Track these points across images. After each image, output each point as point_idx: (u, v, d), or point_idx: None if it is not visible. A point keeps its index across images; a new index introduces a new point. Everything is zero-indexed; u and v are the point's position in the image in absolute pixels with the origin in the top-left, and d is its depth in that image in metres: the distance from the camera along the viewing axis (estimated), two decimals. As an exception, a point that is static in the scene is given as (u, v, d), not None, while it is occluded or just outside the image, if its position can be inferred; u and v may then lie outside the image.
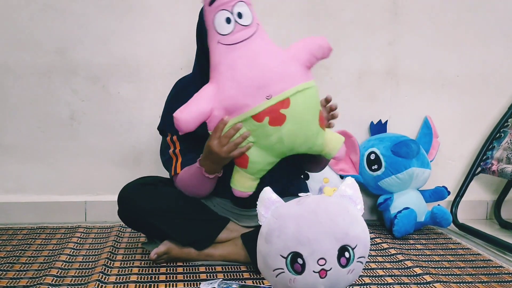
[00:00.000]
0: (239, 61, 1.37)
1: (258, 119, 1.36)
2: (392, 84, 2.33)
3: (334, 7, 2.24)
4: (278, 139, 1.39)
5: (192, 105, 1.38)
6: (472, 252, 1.88)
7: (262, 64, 1.38)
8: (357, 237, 1.09)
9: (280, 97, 1.36)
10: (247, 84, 1.36)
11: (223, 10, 1.37)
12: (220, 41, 1.38)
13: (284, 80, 1.38)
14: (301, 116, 1.40)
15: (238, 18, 1.38)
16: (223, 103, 1.37)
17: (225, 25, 1.37)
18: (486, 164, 2.30)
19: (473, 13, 2.34)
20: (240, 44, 1.38)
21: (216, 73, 1.39)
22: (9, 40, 2.07)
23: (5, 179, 2.13)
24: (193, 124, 1.37)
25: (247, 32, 1.39)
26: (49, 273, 1.53)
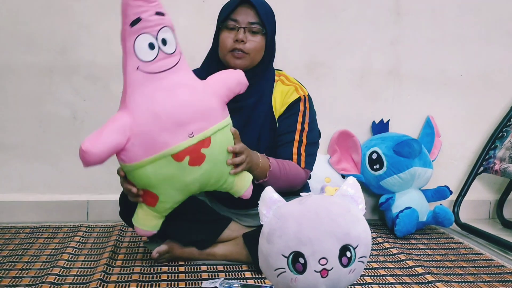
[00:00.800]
0: (159, 94, 1.25)
1: (178, 158, 1.26)
2: (394, 84, 2.32)
3: (336, 6, 2.24)
4: (193, 179, 1.31)
5: (105, 138, 1.24)
6: (474, 252, 1.88)
7: (184, 100, 1.27)
8: (358, 236, 1.09)
9: (202, 136, 1.28)
10: (167, 120, 1.25)
11: (146, 34, 1.24)
12: (141, 67, 1.25)
13: (205, 118, 1.29)
14: (219, 155, 1.34)
15: (162, 45, 1.26)
16: (140, 138, 1.25)
17: (147, 50, 1.24)
18: (489, 163, 2.30)
19: (476, 12, 2.34)
20: (161, 74, 1.26)
21: (131, 103, 1.26)
22: (11, 40, 2.07)
23: (7, 178, 2.14)
24: (102, 159, 1.25)
25: (170, 61, 1.28)
26: (51, 272, 1.53)
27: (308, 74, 2.23)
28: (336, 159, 2.18)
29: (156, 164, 1.27)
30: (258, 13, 1.56)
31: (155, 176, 1.29)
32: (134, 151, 1.26)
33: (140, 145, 1.26)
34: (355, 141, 2.19)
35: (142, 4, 1.23)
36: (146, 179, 1.30)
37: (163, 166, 1.27)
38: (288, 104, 1.64)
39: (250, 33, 1.57)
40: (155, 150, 1.26)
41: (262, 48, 1.60)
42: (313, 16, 2.22)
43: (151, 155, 1.26)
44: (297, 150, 1.62)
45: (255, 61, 1.60)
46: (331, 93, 2.26)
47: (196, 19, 2.15)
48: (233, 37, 1.56)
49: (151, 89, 1.26)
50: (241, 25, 1.56)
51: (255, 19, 1.56)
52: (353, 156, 2.21)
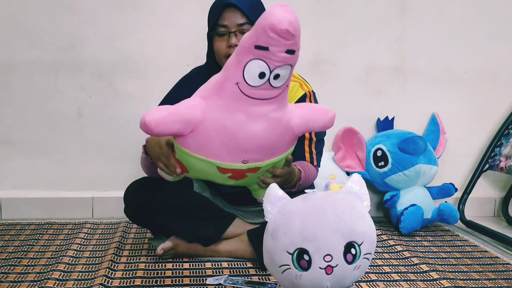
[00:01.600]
0: (241, 115, 1.22)
1: (222, 171, 1.32)
2: (399, 81, 2.32)
3: (341, 3, 2.23)
4: (225, 183, 1.40)
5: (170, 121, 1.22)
6: (480, 249, 1.88)
7: (258, 133, 1.24)
8: (363, 233, 1.08)
9: (253, 166, 1.31)
10: (232, 141, 1.25)
11: (264, 62, 1.15)
12: (240, 85, 1.19)
13: (266, 152, 1.30)
14: (256, 176, 1.39)
15: (273, 79, 1.18)
16: (200, 138, 1.26)
17: (256, 77, 1.17)
18: (494, 161, 2.29)
19: (481, 9, 2.33)
20: (255, 101, 1.20)
21: (213, 104, 1.23)
22: (17, 37, 2.08)
23: (13, 175, 2.14)
24: (161, 136, 1.33)
25: (271, 93, 1.21)
26: (57, 268, 1.54)
27: (313, 71, 2.23)
28: (340, 156, 2.18)
29: (201, 161, 1.30)
30: (245, 12, 1.53)
31: (194, 166, 1.34)
32: (188, 141, 1.28)
33: (197, 143, 1.27)
34: (359, 138, 2.18)
35: (277, 39, 1.13)
36: (187, 162, 1.35)
37: (205, 166, 1.31)
38: (294, 101, 1.62)
39: (242, 35, 1.52)
40: (207, 154, 1.28)
41: None
42: (318, 13, 2.21)
43: (201, 155, 1.28)
44: (309, 149, 1.63)
45: None
46: (336, 90, 2.25)
47: (201, 16, 2.15)
48: (225, 44, 1.55)
49: (236, 107, 1.21)
50: (230, 30, 1.54)
51: (243, 19, 1.54)
52: (358, 153, 2.20)
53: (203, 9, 2.13)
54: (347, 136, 2.20)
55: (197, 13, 2.14)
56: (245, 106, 1.21)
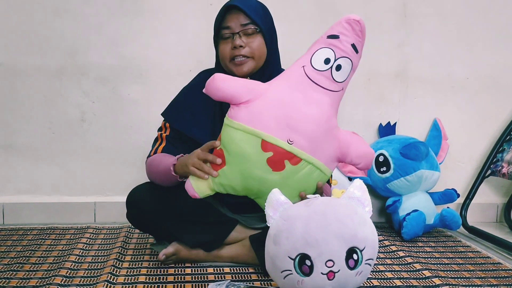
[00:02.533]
0: (300, 95, 1.33)
1: (265, 148, 1.31)
2: (401, 86, 2.32)
3: (343, 8, 2.24)
4: (259, 178, 1.35)
5: (234, 83, 1.34)
6: (482, 255, 1.87)
7: (312, 114, 1.33)
8: (365, 239, 1.09)
9: (296, 151, 1.32)
10: (285, 116, 1.32)
11: (330, 49, 1.32)
12: (306, 68, 1.33)
13: (312, 144, 1.33)
14: (294, 182, 1.35)
15: (335, 69, 1.33)
16: (255, 108, 1.33)
17: (321, 62, 1.32)
18: (496, 166, 2.29)
19: (483, 15, 2.33)
20: (315, 86, 1.33)
21: (277, 83, 1.36)
22: (21, 42, 2.09)
23: (15, 179, 2.15)
24: (219, 96, 1.34)
25: (330, 84, 1.34)
26: (59, 273, 1.54)
27: (315, 76, 2.23)
28: (343, 161, 2.18)
29: (247, 136, 1.32)
30: (248, 13, 1.53)
31: (237, 143, 1.34)
32: (242, 112, 1.33)
33: (250, 113, 1.32)
34: (362, 144, 2.18)
35: (349, 29, 1.33)
36: (230, 140, 1.36)
37: (249, 142, 1.33)
38: None
39: (246, 36, 1.54)
40: (256, 125, 1.32)
41: (263, 46, 1.57)
42: (320, 19, 2.22)
43: (250, 126, 1.32)
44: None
45: (260, 62, 1.58)
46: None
47: (204, 22, 2.16)
48: (230, 46, 1.55)
49: (298, 87, 1.34)
50: (234, 31, 1.54)
51: (247, 20, 1.54)
52: (360, 158, 2.20)
53: (206, 15, 2.15)
54: (349, 142, 2.20)
55: (200, 19, 2.15)
56: (306, 88, 1.33)
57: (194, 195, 1.44)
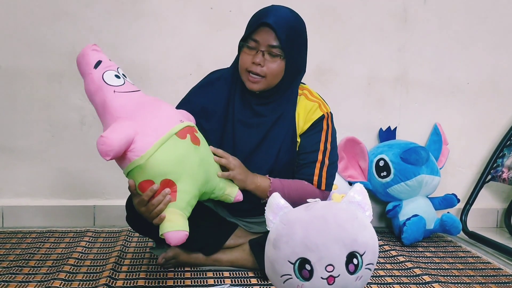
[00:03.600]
0: (141, 100, 1.40)
1: (182, 136, 1.37)
2: (401, 91, 2.32)
3: (344, 13, 2.24)
4: (199, 161, 1.39)
5: (118, 129, 1.33)
6: (482, 261, 1.87)
7: (166, 107, 1.43)
8: (365, 243, 1.08)
9: (189, 124, 1.42)
10: (160, 113, 1.38)
11: (110, 70, 1.41)
12: (116, 90, 1.38)
13: (182, 116, 1.45)
14: (207, 148, 1.46)
15: (124, 77, 1.42)
16: (147, 129, 1.34)
17: (116, 79, 1.40)
18: (497, 172, 2.28)
19: (483, 19, 2.33)
20: (136, 94, 1.40)
21: (122, 113, 1.37)
22: (21, 45, 2.09)
23: (15, 182, 2.15)
24: (121, 146, 1.31)
25: (135, 87, 1.42)
26: (58, 276, 1.54)
27: (316, 80, 2.23)
28: (343, 166, 2.17)
29: (166, 145, 1.34)
30: (279, 37, 1.51)
31: (168, 157, 1.34)
32: (144, 140, 1.33)
33: (148, 133, 1.33)
34: (362, 148, 2.18)
35: (98, 53, 1.44)
36: (162, 162, 1.34)
37: (172, 146, 1.35)
38: (312, 121, 1.62)
39: (269, 56, 1.53)
40: (162, 133, 1.34)
41: (281, 71, 1.56)
42: (321, 22, 2.22)
43: (160, 137, 1.33)
44: (319, 172, 1.61)
45: (271, 84, 1.57)
46: (338, 100, 2.25)
47: (203, 26, 2.16)
48: (251, 59, 1.54)
49: (132, 99, 1.39)
50: (260, 48, 1.53)
51: (276, 42, 1.52)
52: (360, 163, 2.20)
53: (206, 18, 2.16)
54: (349, 146, 2.20)
55: (200, 23, 2.15)
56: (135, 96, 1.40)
57: (185, 234, 1.36)
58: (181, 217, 1.37)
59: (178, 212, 1.37)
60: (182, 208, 1.38)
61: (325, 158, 1.62)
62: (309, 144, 1.63)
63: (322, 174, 1.61)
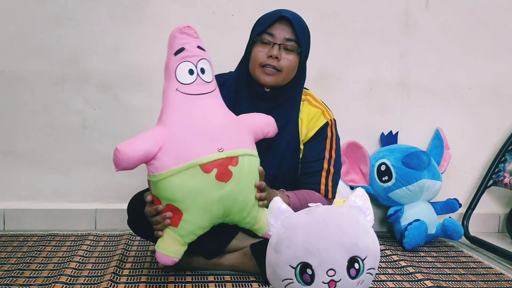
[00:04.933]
0: (195, 112, 1.36)
1: (206, 170, 1.30)
2: (403, 96, 2.32)
3: (346, 17, 2.24)
4: (219, 197, 1.33)
5: (139, 142, 1.32)
6: (484, 266, 1.86)
7: (218, 120, 1.37)
8: (367, 248, 1.08)
9: (231, 154, 1.33)
10: (200, 134, 1.33)
11: (187, 61, 1.38)
12: (179, 89, 1.37)
13: (235, 140, 1.37)
14: (246, 179, 1.38)
15: (200, 73, 1.38)
16: (172, 148, 1.32)
17: (187, 75, 1.37)
18: (498, 176, 2.28)
19: (485, 25, 2.34)
20: (199, 97, 1.37)
21: (167, 118, 1.36)
22: (23, 49, 2.10)
23: (16, 186, 2.15)
24: (134, 162, 1.32)
25: (207, 88, 1.39)
26: (59, 280, 1.54)
27: (318, 84, 2.23)
28: (344, 170, 2.17)
29: (184, 174, 1.30)
30: (296, 30, 1.54)
31: (181, 187, 1.32)
32: (164, 160, 1.31)
33: (171, 154, 1.31)
34: (363, 153, 2.18)
35: (186, 37, 1.39)
36: (172, 190, 1.32)
37: (190, 177, 1.31)
38: (317, 129, 1.64)
39: (284, 51, 1.55)
40: (185, 159, 1.31)
41: (295, 67, 1.59)
42: (323, 27, 2.23)
43: (180, 164, 1.30)
44: (325, 181, 1.63)
45: (286, 80, 1.59)
46: (339, 104, 2.25)
47: (205, 30, 2.16)
48: (266, 52, 1.55)
49: (187, 106, 1.36)
50: (276, 41, 1.55)
51: (292, 36, 1.55)
52: (362, 167, 2.20)
53: (208, 22, 2.16)
54: (351, 150, 2.20)
55: (202, 26, 2.15)
56: (194, 103, 1.36)
57: (173, 261, 1.41)
58: (177, 243, 1.39)
59: (175, 238, 1.38)
60: (182, 235, 1.39)
61: (330, 166, 1.64)
62: (314, 152, 1.64)
63: (328, 183, 1.63)
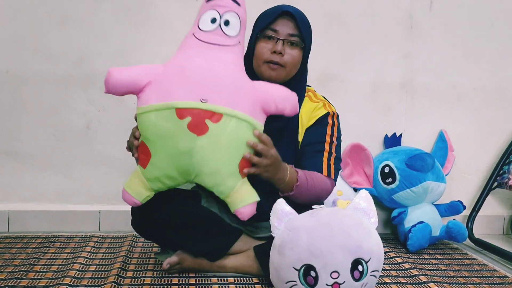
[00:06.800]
0: (198, 59, 1.33)
1: (180, 115, 1.25)
2: (407, 97, 2.32)
3: (350, 19, 2.24)
4: (188, 149, 1.26)
5: (130, 70, 1.35)
6: (488, 268, 1.86)
7: (218, 72, 1.31)
8: (370, 250, 1.08)
9: (213, 108, 1.26)
10: (190, 79, 1.29)
11: (214, 10, 1.36)
12: (196, 34, 1.37)
13: (229, 98, 1.29)
14: (225, 142, 1.27)
15: (224, 25, 1.36)
16: (159, 84, 1.31)
17: (208, 23, 1.36)
18: (503, 178, 2.27)
19: (489, 26, 2.33)
20: (211, 46, 1.35)
21: (171, 59, 1.36)
22: (28, 50, 2.10)
23: (20, 187, 2.15)
24: (120, 87, 1.33)
25: (225, 40, 1.36)
26: (63, 281, 1.54)
27: (321, 86, 2.23)
28: (348, 172, 2.17)
29: (160, 113, 1.29)
30: (299, 25, 1.55)
31: (155, 126, 1.30)
32: (149, 95, 1.31)
33: (156, 91, 1.30)
34: (367, 154, 2.18)
35: None
36: (147, 127, 1.32)
37: (164, 118, 1.28)
38: (317, 118, 1.62)
39: (288, 46, 1.55)
40: (165, 99, 1.29)
41: (299, 62, 1.58)
42: (327, 29, 2.23)
43: (159, 102, 1.29)
44: (328, 161, 1.58)
45: (290, 75, 1.58)
46: (343, 106, 2.25)
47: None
48: (270, 48, 1.54)
49: (195, 52, 1.34)
50: (280, 36, 1.54)
51: (295, 31, 1.55)
52: (365, 169, 2.20)
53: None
54: (354, 152, 2.19)
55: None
56: (203, 51, 1.34)
57: (134, 202, 1.42)
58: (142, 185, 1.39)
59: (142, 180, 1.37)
60: (149, 179, 1.37)
61: (332, 149, 1.60)
62: (315, 135, 1.60)
63: (330, 164, 1.58)
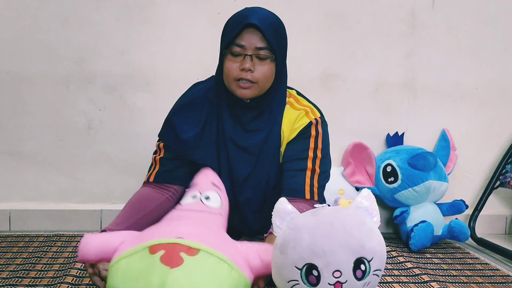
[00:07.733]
0: (180, 220, 1.32)
1: (153, 251, 1.10)
2: (409, 96, 2.31)
3: (351, 18, 2.24)
4: (159, 283, 1.05)
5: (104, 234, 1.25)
6: (491, 267, 1.85)
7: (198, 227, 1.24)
8: (373, 249, 1.07)
9: (189, 243, 1.12)
10: (168, 228, 1.21)
11: (195, 190, 1.42)
12: (177, 207, 1.40)
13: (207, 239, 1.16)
14: (202, 278, 1.09)
15: (204, 199, 1.39)
16: (134, 239, 1.18)
17: (189, 199, 1.40)
18: (505, 178, 2.27)
19: (492, 25, 2.32)
20: (192, 212, 1.37)
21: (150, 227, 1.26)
22: (29, 50, 2.10)
23: (22, 186, 2.15)
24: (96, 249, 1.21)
25: (206, 208, 1.37)
26: (64, 280, 1.54)
27: (323, 86, 2.23)
28: (350, 171, 2.17)
29: (132, 257, 1.13)
30: (266, 36, 1.41)
31: (125, 272, 1.12)
32: (121, 249, 1.17)
33: (130, 243, 1.17)
34: (369, 153, 2.17)
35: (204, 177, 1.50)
36: (116, 276, 1.14)
37: (137, 260, 1.12)
38: (299, 130, 1.52)
39: (258, 60, 1.44)
40: (139, 242, 1.16)
41: (272, 75, 1.47)
42: (328, 28, 2.22)
43: (132, 247, 1.15)
44: (310, 181, 1.48)
45: (264, 89, 1.48)
46: (345, 105, 2.25)
47: (211, 31, 2.17)
48: (239, 66, 1.44)
49: (177, 215, 1.36)
50: (247, 52, 1.43)
51: (263, 43, 1.42)
52: (367, 168, 2.19)
53: (213, 23, 2.16)
54: (356, 151, 2.19)
55: (207, 27, 2.16)
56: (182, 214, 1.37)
57: None
58: None
59: None
60: None
61: (315, 165, 1.49)
62: (297, 151, 1.50)
63: (313, 183, 1.48)
